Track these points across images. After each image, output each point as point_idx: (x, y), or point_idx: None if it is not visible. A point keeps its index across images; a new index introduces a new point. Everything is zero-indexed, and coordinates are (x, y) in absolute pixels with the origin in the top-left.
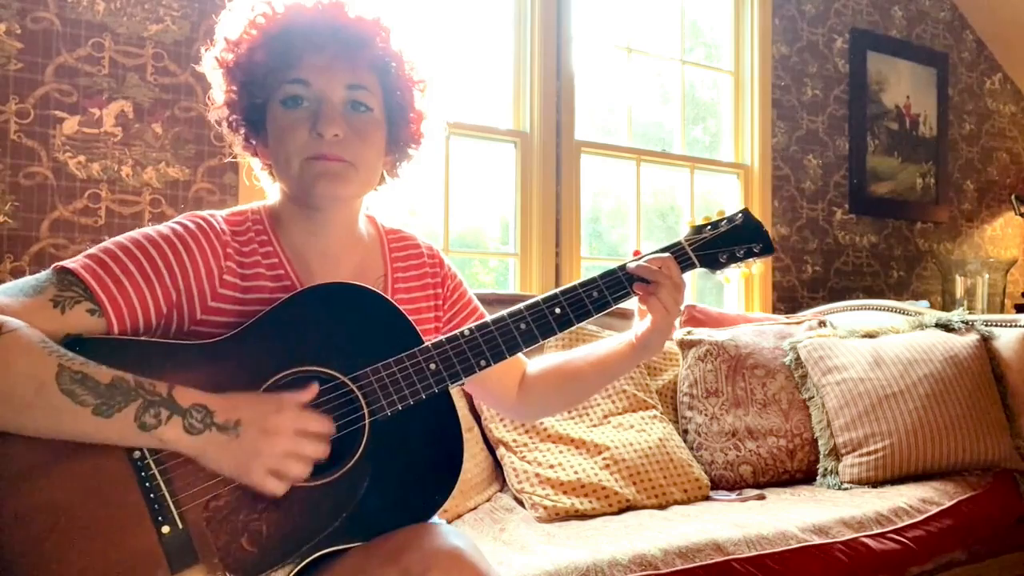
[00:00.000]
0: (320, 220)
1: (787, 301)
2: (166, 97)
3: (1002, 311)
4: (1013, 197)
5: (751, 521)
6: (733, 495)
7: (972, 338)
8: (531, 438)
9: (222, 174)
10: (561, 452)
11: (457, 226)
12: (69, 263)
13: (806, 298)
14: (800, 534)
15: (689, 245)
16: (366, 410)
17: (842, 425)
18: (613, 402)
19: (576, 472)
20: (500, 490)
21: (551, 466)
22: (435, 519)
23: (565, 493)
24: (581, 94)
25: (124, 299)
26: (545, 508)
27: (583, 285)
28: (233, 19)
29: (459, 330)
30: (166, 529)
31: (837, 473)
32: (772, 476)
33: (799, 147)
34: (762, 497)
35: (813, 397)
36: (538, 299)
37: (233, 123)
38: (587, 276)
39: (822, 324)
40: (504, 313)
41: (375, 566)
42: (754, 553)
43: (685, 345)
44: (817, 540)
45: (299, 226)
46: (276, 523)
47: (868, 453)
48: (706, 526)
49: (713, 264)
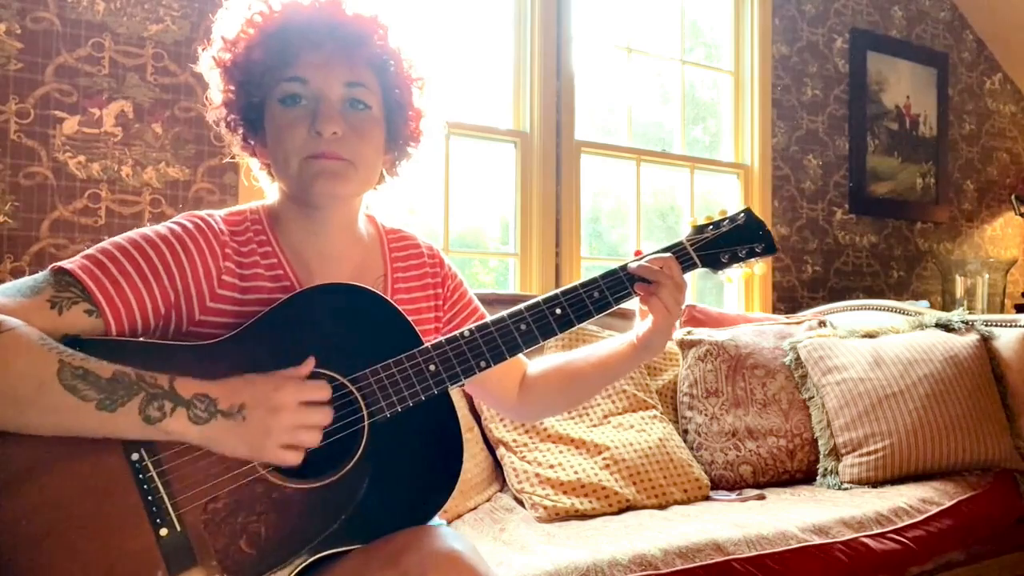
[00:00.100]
0: (319, 219)
1: (787, 301)
2: (166, 97)
3: (1002, 311)
4: (1013, 197)
5: (751, 521)
6: (733, 495)
7: (972, 338)
8: (531, 438)
9: (222, 174)
10: (561, 452)
11: (457, 226)
12: (67, 264)
13: (806, 298)
14: (800, 534)
15: (691, 245)
16: (365, 412)
17: (842, 425)
18: (613, 402)
19: (576, 472)
20: (500, 490)
21: (551, 466)
22: (435, 520)
23: (565, 493)
24: (581, 94)
25: (122, 300)
26: (545, 508)
27: (584, 285)
28: (230, 18)
29: (459, 331)
30: (164, 531)
31: (837, 473)
32: (772, 476)
33: (799, 147)
34: (762, 497)
35: (813, 397)
36: (539, 299)
37: (231, 123)
38: (587, 276)
39: (822, 324)
40: (504, 314)
41: (374, 569)
42: (754, 553)
43: (685, 345)
44: (817, 540)
45: (298, 225)
46: (275, 525)
47: (868, 453)
48: (706, 526)
49: (715, 264)
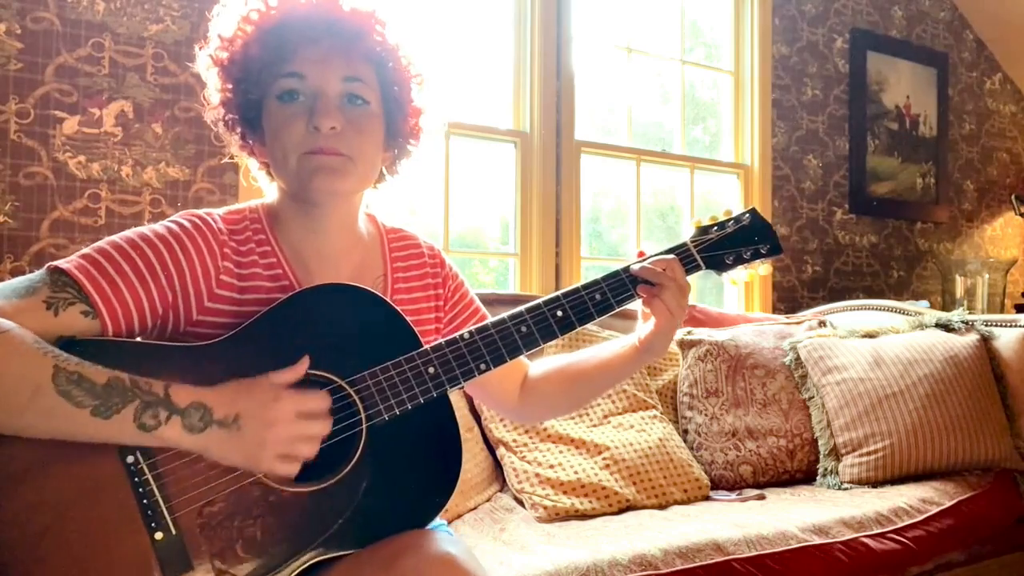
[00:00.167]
0: (318, 217)
1: (787, 301)
2: (166, 97)
3: (1002, 311)
4: (1013, 197)
5: (751, 521)
6: (733, 495)
7: (972, 338)
8: (531, 438)
9: (222, 174)
10: (561, 452)
11: (457, 226)
12: (63, 263)
13: (806, 298)
14: (800, 534)
15: (695, 246)
16: (363, 415)
17: (842, 425)
18: (613, 402)
19: (576, 472)
20: (500, 490)
21: (551, 466)
22: (436, 520)
23: (565, 493)
24: (581, 94)
25: (119, 300)
26: (545, 508)
27: (586, 287)
28: (227, 16)
29: (458, 333)
30: (159, 535)
31: (837, 473)
32: (772, 476)
33: (799, 147)
34: (762, 497)
35: (813, 397)
36: (540, 301)
37: (229, 122)
38: (587, 276)
39: (822, 324)
40: (505, 315)
41: (369, 572)
42: (754, 553)
43: (685, 345)
44: (817, 540)
45: (297, 224)
46: (272, 529)
47: (868, 453)
48: (706, 526)
49: (719, 266)
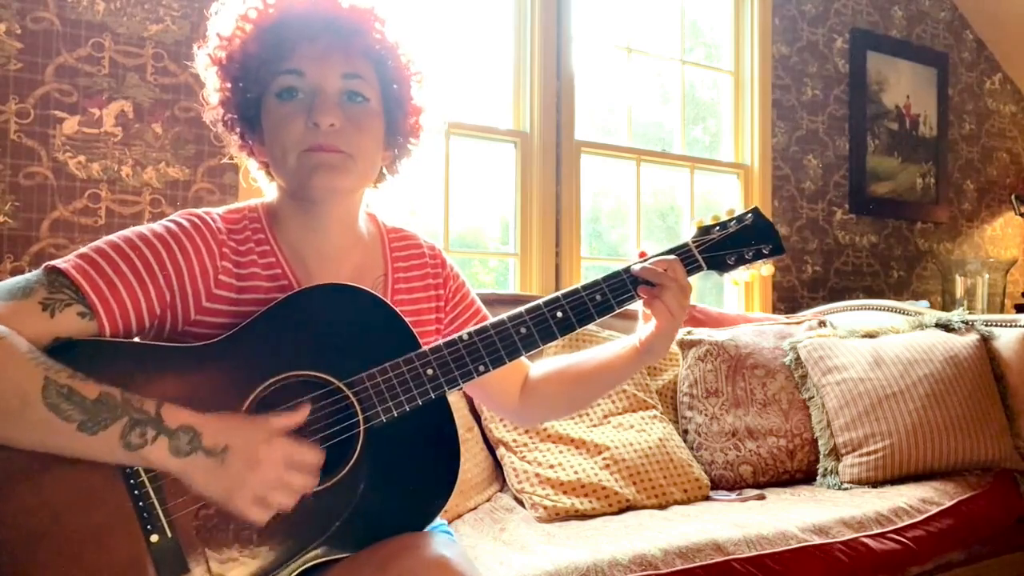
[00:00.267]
0: (318, 215)
1: (787, 301)
2: (166, 97)
3: (1002, 311)
4: (1013, 197)
5: (751, 521)
6: (733, 495)
7: (972, 338)
8: (531, 438)
9: (222, 174)
10: (561, 452)
11: (457, 226)
12: (60, 263)
13: (806, 298)
14: (800, 534)
15: (696, 247)
16: (361, 416)
17: (842, 425)
18: (613, 402)
19: (576, 472)
20: (500, 490)
21: (551, 466)
22: (436, 521)
23: (565, 493)
24: (581, 94)
25: (116, 301)
26: (545, 508)
27: (586, 288)
28: (225, 15)
29: (457, 334)
30: (155, 538)
31: (837, 473)
32: (772, 476)
33: (799, 147)
34: (762, 497)
35: (813, 397)
36: (539, 302)
37: (228, 122)
38: (587, 276)
39: (822, 324)
40: (504, 316)
41: (365, 575)
42: (754, 553)
43: (685, 345)
44: (817, 540)
45: (297, 222)
46: (267, 532)
47: (868, 453)
48: (706, 526)
49: (721, 266)
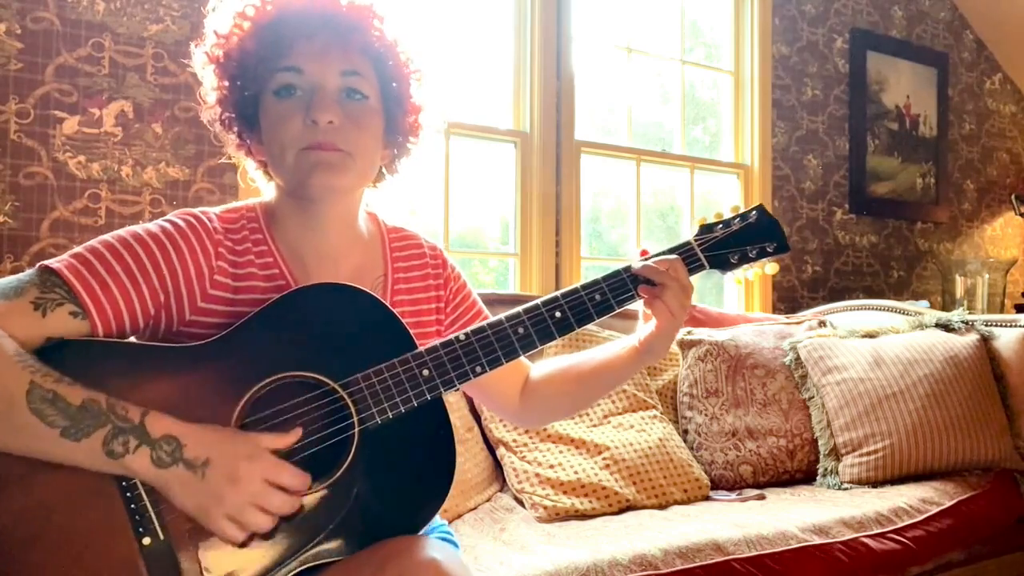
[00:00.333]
0: (317, 214)
1: (787, 301)
2: (166, 97)
3: (1002, 311)
4: (1013, 197)
5: (751, 521)
6: (733, 495)
7: (972, 338)
8: (531, 438)
9: (222, 174)
10: (561, 452)
11: (457, 226)
12: (53, 263)
13: (806, 298)
14: (800, 534)
15: (699, 245)
16: (355, 418)
17: (842, 425)
18: (613, 402)
19: (576, 472)
20: (500, 490)
21: (551, 466)
22: (436, 520)
23: (565, 493)
24: (581, 94)
25: (109, 301)
26: (545, 508)
27: (585, 287)
28: (222, 12)
29: (454, 335)
30: (147, 540)
31: (837, 473)
32: (772, 476)
33: (799, 147)
34: (762, 497)
35: (813, 397)
36: (538, 302)
37: (226, 120)
38: (587, 276)
39: (822, 324)
40: (502, 316)
41: None
42: (754, 553)
43: (685, 345)
44: (817, 540)
45: (295, 222)
46: (260, 535)
47: (868, 453)
48: (706, 526)
49: (724, 265)
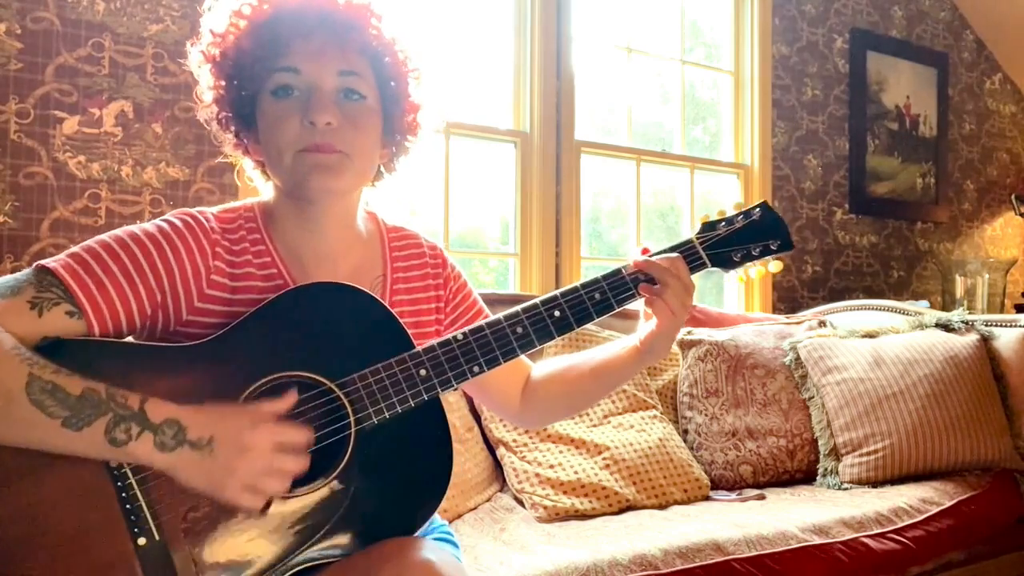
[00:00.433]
0: (314, 215)
1: (787, 301)
2: (166, 97)
3: (1002, 311)
4: (1013, 197)
5: (751, 521)
6: (733, 495)
7: (972, 338)
8: (531, 438)
9: (222, 174)
10: (561, 452)
11: (457, 226)
12: (49, 262)
13: (806, 298)
14: (800, 534)
15: (701, 243)
16: (352, 418)
17: (842, 425)
18: (613, 402)
19: (576, 472)
20: (500, 490)
21: (551, 466)
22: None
23: (565, 493)
24: (581, 94)
25: (105, 301)
26: (545, 508)
27: (585, 286)
28: (218, 11)
29: (452, 334)
30: (142, 540)
31: (837, 473)
32: (772, 476)
33: (799, 147)
34: (762, 497)
35: (813, 397)
36: (537, 301)
37: (223, 120)
38: (587, 276)
39: (822, 324)
40: (500, 316)
41: None
42: (754, 553)
43: (685, 345)
44: (817, 540)
45: (293, 223)
46: (257, 535)
47: (868, 453)
48: (706, 526)
49: (726, 264)
